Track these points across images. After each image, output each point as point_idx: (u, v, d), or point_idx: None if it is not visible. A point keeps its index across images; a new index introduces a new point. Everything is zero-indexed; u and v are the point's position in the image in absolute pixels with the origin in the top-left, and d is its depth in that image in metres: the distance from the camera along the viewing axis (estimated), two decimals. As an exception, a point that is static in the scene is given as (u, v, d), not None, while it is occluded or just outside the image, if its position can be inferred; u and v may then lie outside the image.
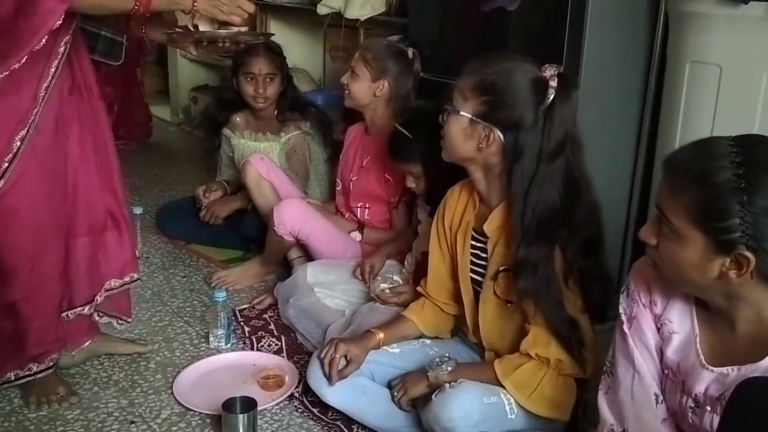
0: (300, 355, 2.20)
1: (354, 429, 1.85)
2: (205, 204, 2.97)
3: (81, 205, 1.90)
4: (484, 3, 2.41)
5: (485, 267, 1.77)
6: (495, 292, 1.73)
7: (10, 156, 1.67)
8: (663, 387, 1.35)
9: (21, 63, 1.60)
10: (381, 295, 2.20)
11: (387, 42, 2.64)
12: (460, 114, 1.66)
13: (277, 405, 1.95)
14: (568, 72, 2.08)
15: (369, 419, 1.81)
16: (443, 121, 1.71)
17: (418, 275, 2.07)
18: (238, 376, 2.08)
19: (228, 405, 1.78)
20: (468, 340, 1.91)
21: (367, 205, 2.56)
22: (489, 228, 1.74)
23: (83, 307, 1.97)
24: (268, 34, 2.12)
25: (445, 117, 1.70)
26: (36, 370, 1.90)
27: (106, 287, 2.00)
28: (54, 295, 1.88)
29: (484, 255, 1.77)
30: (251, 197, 2.73)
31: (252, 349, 2.24)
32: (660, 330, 1.33)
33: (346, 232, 2.57)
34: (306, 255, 2.60)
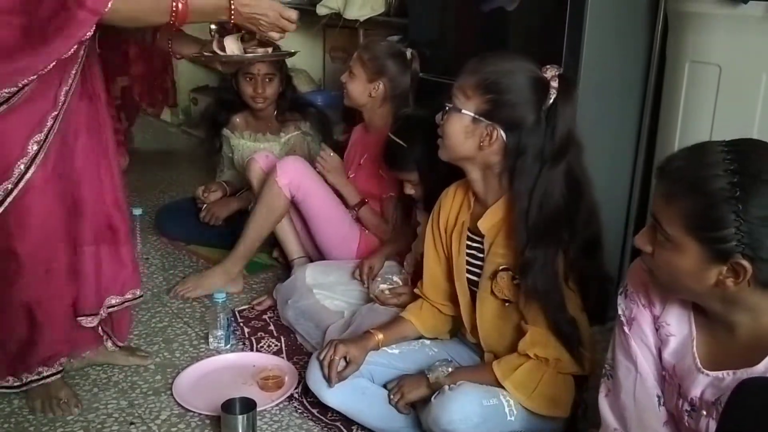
0: (299, 356, 2.20)
1: (353, 430, 1.85)
2: (205, 205, 2.97)
3: (87, 214, 1.88)
4: (483, 3, 2.41)
5: (481, 267, 1.77)
6: (492, 291, 1.73)
7: (25, 160, 1.64)
8: (662, 389, 1.34)
9: (48, 69, 1.57)
10: (380, 296, 2.20)
11: (385, 43, 2.64)
12: (461, 112, 1.65)
13: (277, 406, 1.95)
14: (567, 72, 2.09)
15: (368, 420, 1.81)
16: (442, 120, 1.70)
17: (417, 276, 2.07)
18: (237, 377, 2.08)
19: (227, 406, 1.78)
20: (467, 340, 1.91)
21: (365, 201, 2.56)
22: (484, 226, 1.73)
23: (91, 318, 1.94)
24: (291, 53, 2.10)
25: (445, 115, 1.69)
26: (46, 374, 1.86)
27: (107, 304, 1.97)
28: (66, 298, 1.86)
29: (480, 255, 1.77)
30: (255, 194, 2.72)
31: (251, 350, 2.24)
32: (658, 331, 1.33)
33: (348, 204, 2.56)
34: (306, 255, 2.61)
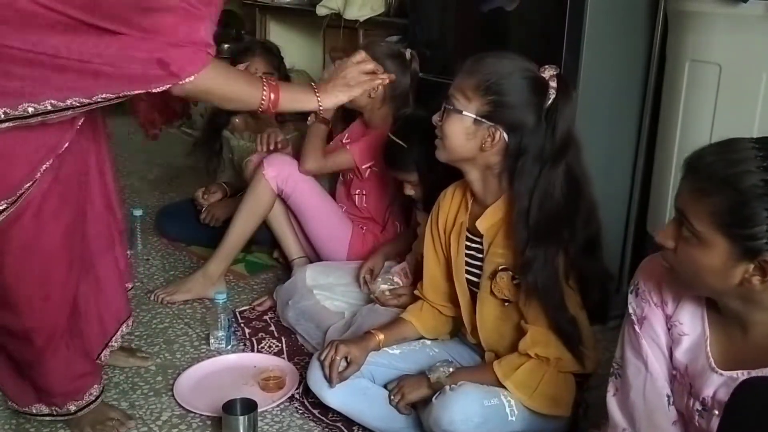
0: (300, 357, 2.20)
1: (354, 430, 1.85)
2: (205, 206, 2.96)
3: (89, 235, 1.81)
4: (483, 3, 2.41)
5: (481, 267, 1.76)
6: (492, 291, 1.72)
7: (29, 184, 1.54)
8: (671, 389, 1.33)
9: (93, 101, 1.44)
10: (380, 297, 2.19)
11: (385, 43, 2.64)
12: (462, 114, 1.65)
13: (278, 406, 1.95)
14: (567, 72, 2.09)
15: (369, 421, 1.81)
16: (441, 120, 1.70)
17: (417, 276, 2.07)
18: (238, 377, 2.07)
19: (228, 407, 1.78)
20: (467, 340, 1.91)
21: (364, 192, 2.56)
22: (483, 226, 1.73)
23: (100, 352, 1.89)
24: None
25: (444, 117, 1.69)
26: (75, 409, 1.78)
27: (110, 343, 1.93)
28: (71, 328, 1.76)
29: (479, 255, 1.77)
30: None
31: (252, 351, 2.24)
32: (670, 331, 1.31)
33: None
34: (305, 255, 2.60)
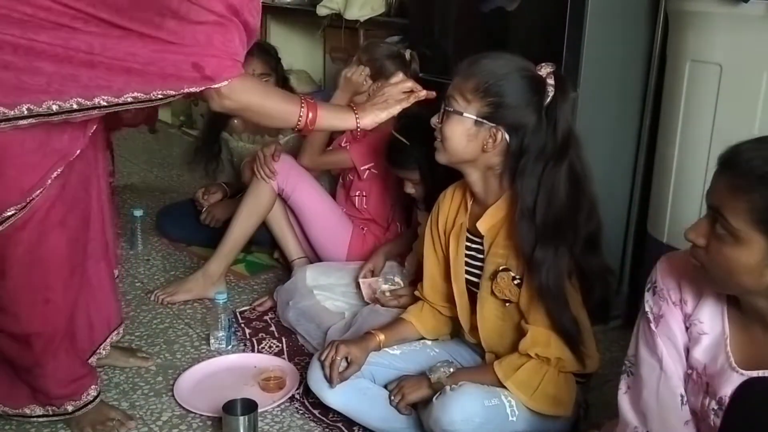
0: (301, 357, 2.20)
1: (355, 431, 1.85)
2: (205, 207, 2.96)
3: (90, 237, 1.80)
4: (483, 3, 2.41)
5: (481, 268, 1.76)
6: (493, 292, 1.72)
7: (40, 191, 1.54)
8: (685, 388, 1.32)
9: (121, 100, 1.46)
10: (381, 298, 2.19)
11: (384, 44, 2.64)
12: (463, 115, 1.65)
13: (278, 407, 1.95)
14: (568, 72, 2.09)
15: (370, 421, 1.81)
16: (440, 123, 1.69)
17: (418, 277, 2.07)
18: (238, 378, 2.07)
19: (229, 407, 1.77)
20: (466, 340, 1.91)
21: (364, 193, 2.57)
22: (484, 227, 1.72)
23: (89, 357, 1.89)
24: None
25: (443, 119, 1.68)
26: (72, 409, 1.79)
27: (98, 350, 1.93)
28: (69, 333, 1.76)
29: (479, 256, 1.77)
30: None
31: (253, 351, 2.24)
32: (688, 330, 1.30)
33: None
34: (305, 256, 2.60)
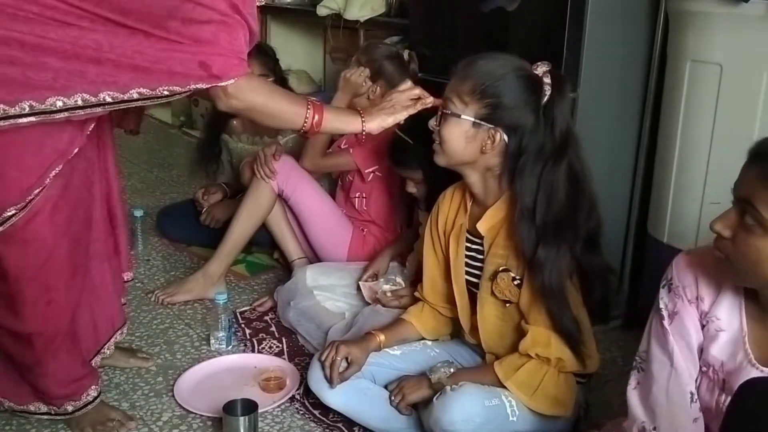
0: (301, 357, 2.20)
1: (355, 431, 1.85)
2: (205, 207, 2.96)
3: (93, 238, 1.81)
4: (483, 3, 2.41)
5: (481, 269, 1.76)
6: (493, 292, 1.72)
7: (39, 190, 1.53)
8: (697, 385, 1.32)
9: (127, 95, 1.47)
10: (382, 299, 2.19)
11: (383, 45, 2.65)
12: (461, 118, 1.64)
13: (278, 407, 1.95)
14: (568, 72, 2.09)
15: (370, 421, 1.81)
16: (438, 125, 1.69)
17: (418, 277, 2.07)
18: (239, 378, 2.07)
19: (229, 407, 1.77)
20: (467, 340, 1.91)
21: (365, 195, 2.56)
22: (484, 227, 1.72)
23: (92, 358, 1.89)
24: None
25: (441, 121, 1.68)
26: (72, 409, 1.79)
27: (102, 350, 1.93)
28: (70, 333, 1.76)
29: (479, 256, 1.77)
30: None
31: (253, 351, 2.24)
32: (705, 327, 1.30)
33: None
34: (305, 256, 2.60)
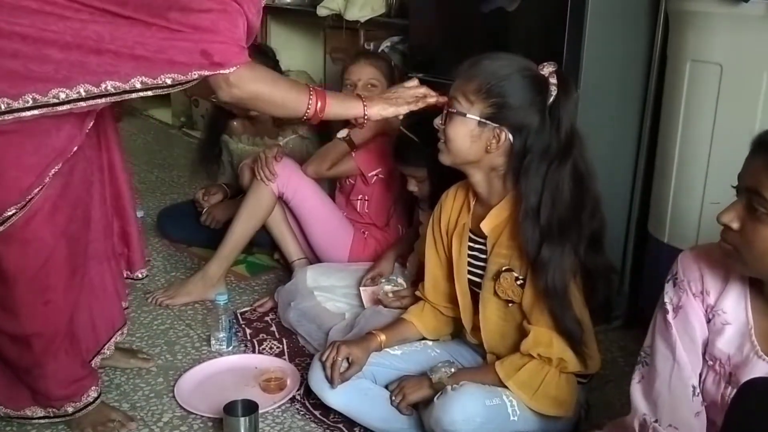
0: (302, 358, 2.19)
1: (356, 431, 1.85)
2: (206, 208, 2.96)
3: (92, 239, 1.80)
4: (483, 4, 2.41)
5: (484, 268, 1.76)
6: (495, 292, 1.72)
7: (38, 189, 1.53)
8: (703, 379, 1.33)
9: (127, 84, 1.46)
10: (384, 299, 2.19)
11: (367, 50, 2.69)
12: (466, 117, 1.64)
13: (279, 408, 1.95)
14: (568, 72, 2.09)
15: (371, 421, 1.81)
16: (443, 124, 1.69)
17: (419, 278, 2.07)
18: (239, 379, 2.07)
19: (229, 408, 1.77)
20: (468, 340, 1.91)
21: (367, 197, 2.56)
22: (487, 227, 1.72)
23: (91, 359, 1.89)
24: None
25: (446, 120, 1.68)
26: (72, 410, 1.79)
27: (102, 351, 1.93)
28: (70, 333, 1.76)
29: (482, 256, 1.77)
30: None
31: (253, 352, 2.24)
32: (711, 321, 1.31)
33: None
34: (305, 257, 2.60)
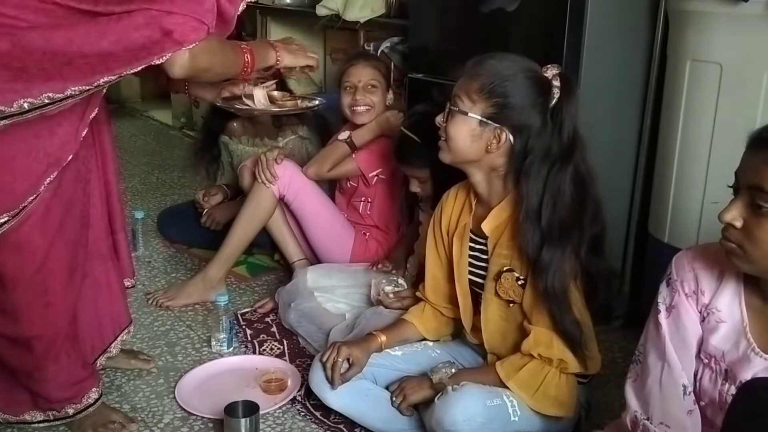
0: (302, 359, 2.19)
1: (356, 432, 1.85)
2: (206, 209, 2.95)
3: (90, 241, 1.80)
4: (483, 3, 2.41)
5: (485, 269, 1.76)
6: (497, 292, 1.72)
7: (32, 197, 1.52)
8: (700, 377, 1.33)
9: (97, 84, 1.46)
10: (384, 300, 2.19)
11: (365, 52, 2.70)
12: (468, 116, 1.64)
13: (280, 409, 1.95)
14: (568, 72, 2.08)
15: (371, 422, 1.81)
16: (445, 122, 1.69)
17: (419, 277, 2.07)
18: (240, 380, 2.07)
19: (230, 409, 1.77)
20: (468, 340, 1.90)
21: (369, 199, 2.56)
22: (488, 228, 1.72)
23: (97, 358, 1.90)
24: (314, 105, 2.32)
25: (448, 118, 1.68)
26: (73, 412, 1.79)
27: (108, 349, 1.93)
28: (70, 335, 1.75)
29: (483, 256, 1.77)
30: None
31: (254, 353, 2.24)
32: (705, 320, 1.31)
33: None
34: (306, 258, 2.60)
